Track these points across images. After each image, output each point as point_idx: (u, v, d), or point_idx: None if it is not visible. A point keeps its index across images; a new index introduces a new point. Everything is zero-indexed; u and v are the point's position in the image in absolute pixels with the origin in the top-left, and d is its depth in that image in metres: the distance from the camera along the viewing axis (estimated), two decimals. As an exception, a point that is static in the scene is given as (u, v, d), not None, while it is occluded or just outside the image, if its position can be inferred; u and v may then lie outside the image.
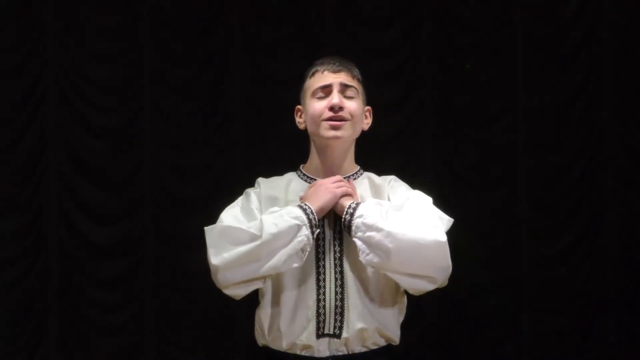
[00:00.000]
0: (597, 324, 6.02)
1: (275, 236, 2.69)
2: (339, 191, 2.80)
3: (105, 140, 5.84)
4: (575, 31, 6.10)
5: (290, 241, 2.70)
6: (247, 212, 2.85)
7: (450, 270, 2.78)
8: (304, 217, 2.73)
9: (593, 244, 6.06)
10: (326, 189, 2.79)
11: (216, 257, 2.76)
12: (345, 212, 2.77)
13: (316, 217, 2.74)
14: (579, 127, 6.08)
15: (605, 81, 6.09)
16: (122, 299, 5.82)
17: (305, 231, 2.71)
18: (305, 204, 2.76)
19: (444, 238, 2.74)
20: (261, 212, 2.84)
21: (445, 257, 2.75)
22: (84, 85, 5.84)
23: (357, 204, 2.77)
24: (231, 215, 2.84)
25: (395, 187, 2.92)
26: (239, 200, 2.92)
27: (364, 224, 2.72)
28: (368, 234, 2.71)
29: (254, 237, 2.71)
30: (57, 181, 5.81)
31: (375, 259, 2.71)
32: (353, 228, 2.74)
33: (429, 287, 2.77)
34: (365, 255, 2.72)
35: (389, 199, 2.88)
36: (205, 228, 2.82)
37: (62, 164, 5.81)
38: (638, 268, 6.00)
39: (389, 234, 2.69)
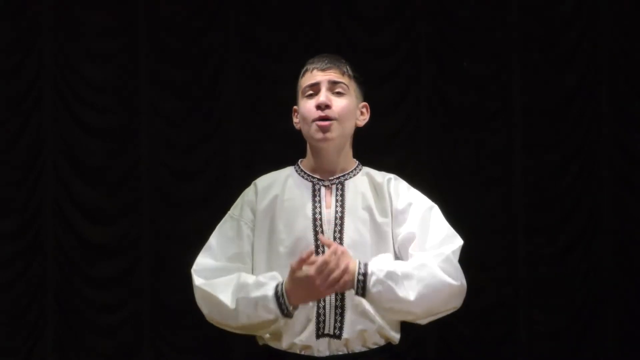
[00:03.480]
0: (595, 323, 6.03)
1: (248, 325, 2.71)
2: (329, 292, 2.69)
3: (102, 140, 5.85)
4: (572, 31, 6.10)
5: (263, 328, 2.72)
6: (238, 238, 2.83)
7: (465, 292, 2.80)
8: (279, 312, 2.67)
9: (590, 243, 6.07)
10: (316, 291, 2.65)
11: (201, 305, 2.78)
12: (355, 291, 2.67)
13: (293, 311, 2.68)
14: (575, 127, 6.09)
15: (602, 81, 6.10)
16: (119, 298, 5.82)
17: (280, 321, 2.70)
18: (284, 301, 2.66)
19: (463, 284, 2.78)
20: (254, 229, 2.84)
21: (464, 294, 2.78)
22: (81, 86, 5.84)
23: (364, 285, 2.65)
24: (212, 255, 2.82)
25: (396, 187, 2.88)
26: (230, 220, 2.88)
27: (383, 298, 2.66)
28: (388, 306, 2.68)
29: (229, 314, 2.71)
30: (53, 181, 5.81)
31: (398, 318, 2.76)
32: (370, 302, 2.70)
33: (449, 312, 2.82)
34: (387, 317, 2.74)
35: (390, 198, 2.86)
36: (193, 274, 2.79)
37: (59, 164, 5.81)
38: (635, 267, 6.00)
39: (411, 304, 2.66)
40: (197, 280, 2.78)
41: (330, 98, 2.83)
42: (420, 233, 2.79)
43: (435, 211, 2.85)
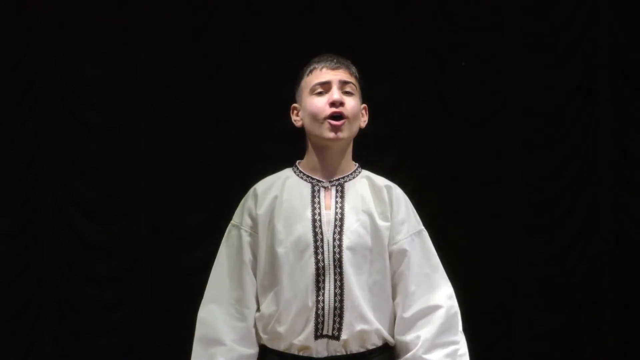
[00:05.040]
0: (593, 322, 6.03)
1: None
2: None
3: (101, 139, 5.85)
4: (571, 30, 6.11)
5: None
6: (240, 247, 2.87)
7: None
8: None
9: (589, 243, 6.07)
10: None
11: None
12: None
13: None
14: (574, 126, 6.09)
15: (601, 80, 6.10)
16: (118, 297, 5.82)
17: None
18: None
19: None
20: (256, 234, 2.85)
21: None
22: (80, 85, 5.84)
23: None
24: (222, 271, 2.89)
25: (397, 196, 2.90)
26: (231, 229, 2.90)
27: None
28: None
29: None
30: (52, 180, 5.80)
31: None
32: None
33: None
34: None
35: (391, 204, 2.87)
36: (203, 300, 2.90)
37: (58, 163, 5.81)
38: (633, 267, 6.01)
39: None
40: (201, 311, 2.87)
41: (342, 96, 2.85)
42: (415, 255, 2.86)
43: (425, 236, 2.92)
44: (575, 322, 6.03)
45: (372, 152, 5.27)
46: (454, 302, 2.89)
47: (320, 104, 2.85)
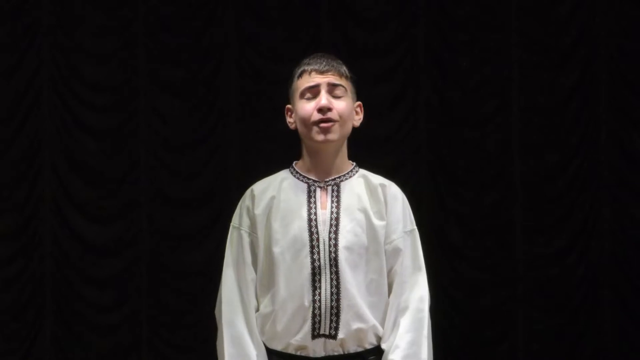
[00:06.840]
0: (592, 323, 6.03)
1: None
2: None
3: (101, 139, 5.85)
4: (571, 30, 6.11)
5: None
6: (242, 247, 2.88)
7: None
8: None
9: (588, 244, 6.07)
10: None
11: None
12: None
13: None
14: (574, 127, 6.09)
15: (600, 81, 6.10)
16: (117, 298, 5.82)
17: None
18: None
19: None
20: (255, 234, 2.86)
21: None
22: (79, 85, 5.84)
23: None
24: (236, 272, 2.89)
25: (393, 194, 2.91)
26: (232, 230, 2.91)
27: None
28: None
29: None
30: (52, 181, 5.81)
31: None
32: None
33: None
34: None
35: (386, 203, 2.88)
36: (223, 307, 2.88)
37: (57, 164, 5.81)
38: (633, 268, 6.01)
39: None
40: (224, 312, 2.85)
41: (330, 100, 2.85)
42: (406, 254, 2.88)
43: (416, 235, 2.92)
44: (575, 322, 6.03)
45: (372, 152, 5.29)
46: (425, 306, 2.87)
47: (309, 110, 2.86)
